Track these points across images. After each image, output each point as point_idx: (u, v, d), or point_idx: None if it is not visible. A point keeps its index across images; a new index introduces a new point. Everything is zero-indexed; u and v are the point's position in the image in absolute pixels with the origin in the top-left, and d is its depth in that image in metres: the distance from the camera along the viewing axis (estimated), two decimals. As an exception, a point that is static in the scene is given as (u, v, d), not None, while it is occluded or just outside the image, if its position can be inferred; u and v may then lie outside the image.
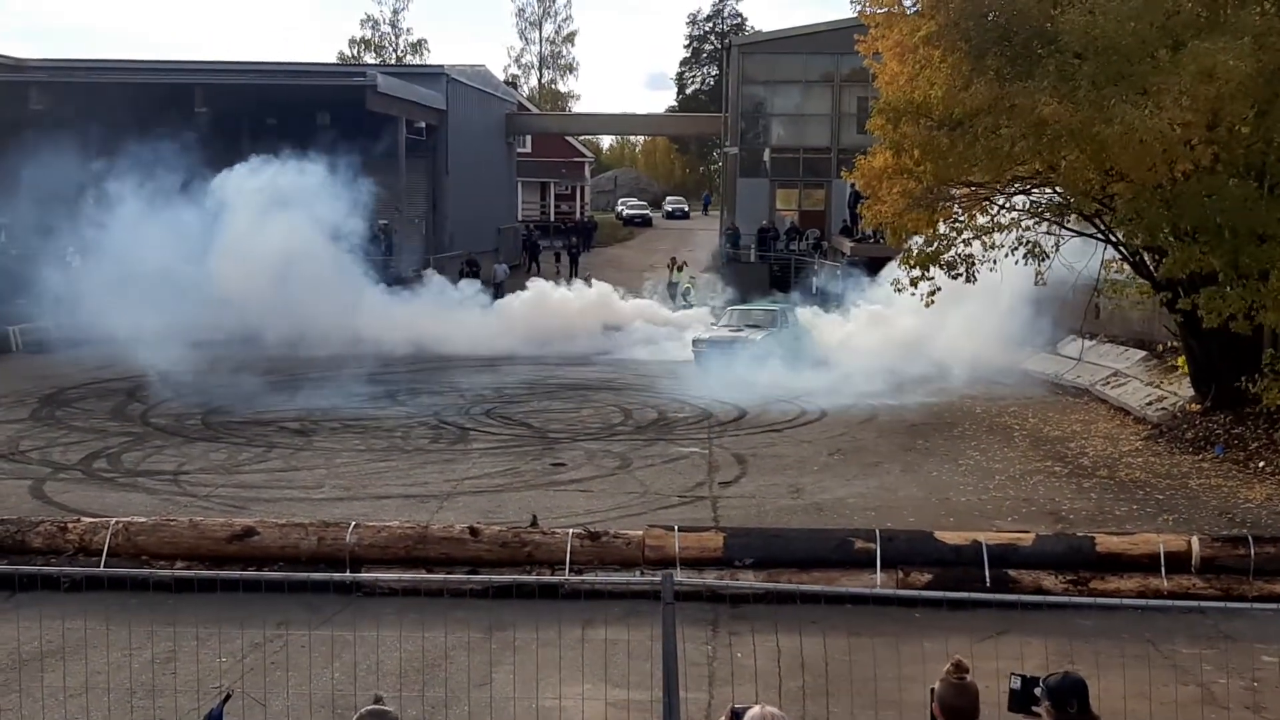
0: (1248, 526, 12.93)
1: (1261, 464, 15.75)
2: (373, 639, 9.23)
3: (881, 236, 24.64)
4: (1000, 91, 15.45)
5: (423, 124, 41.05)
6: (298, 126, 32.69)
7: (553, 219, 64.24)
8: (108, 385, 22.88)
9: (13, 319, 27.41)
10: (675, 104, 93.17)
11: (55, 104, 33.59)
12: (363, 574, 10.68)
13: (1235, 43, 14.04)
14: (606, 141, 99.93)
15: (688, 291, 37.04)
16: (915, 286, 18.39)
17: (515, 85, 77.89)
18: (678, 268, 39.61)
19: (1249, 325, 15.50)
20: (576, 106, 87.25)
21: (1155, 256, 17.53)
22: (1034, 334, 24.65)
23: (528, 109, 61.11)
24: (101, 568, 10.45)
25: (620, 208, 74.85)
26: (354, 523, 11.62)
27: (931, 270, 18.14)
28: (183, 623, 8.85)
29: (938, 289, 18.45)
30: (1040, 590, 10.46)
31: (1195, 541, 10.99)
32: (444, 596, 9.62)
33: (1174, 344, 20.85)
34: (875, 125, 18.03)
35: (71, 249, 27.50)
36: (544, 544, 11.26)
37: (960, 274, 18.18)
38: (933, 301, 18.66)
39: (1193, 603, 9.83)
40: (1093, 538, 11.27)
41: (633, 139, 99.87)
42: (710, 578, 10.48)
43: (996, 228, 18.09)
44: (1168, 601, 10.02)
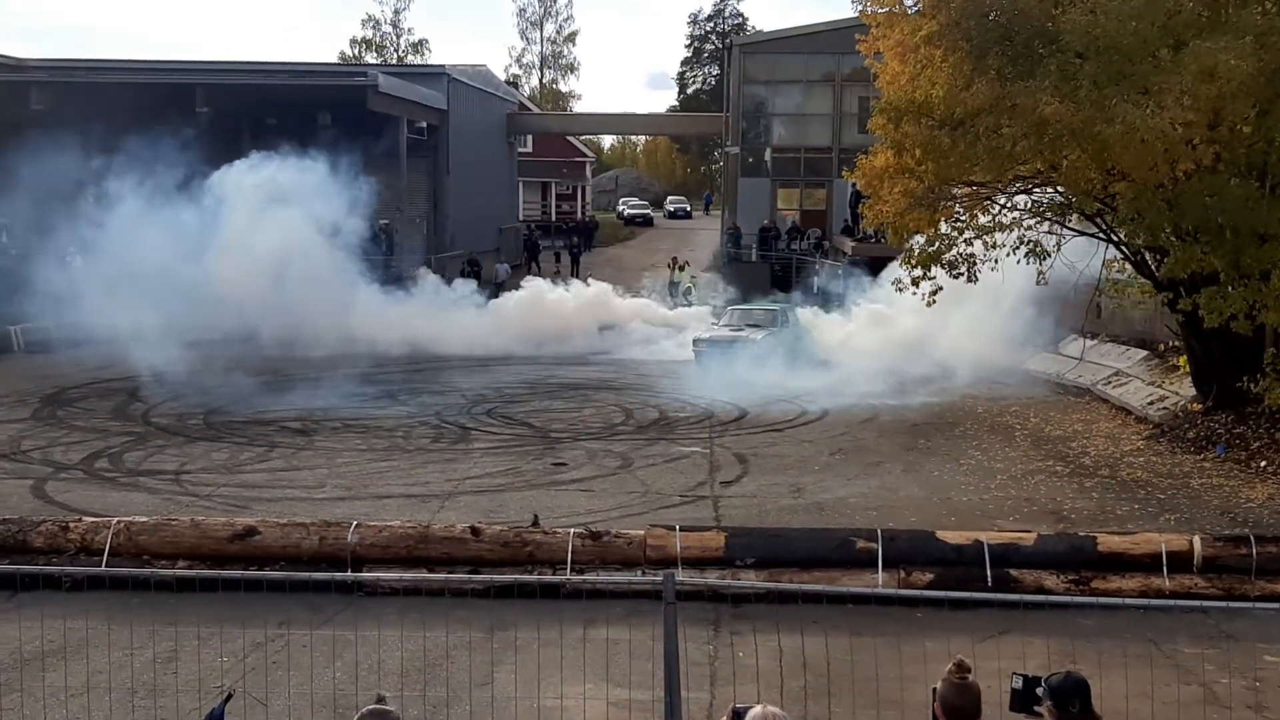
0: (1249, 526, 12.93)
1: (1263, 463, 15.75)
2: (374, 639, 9.23)
3: (883, 236, 24.63)
4: (1001, 91, 15.45)
5: (424, 124, 41.06)
6: (299, 126, 32.68)
7: (554, 219, 64.21)
8: (109, 385, 22.88)
9: (14, 319, 27.41)
10: (676, 104, 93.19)
11: (56, 104, 33.56)
12: (364, 574, 10.68)
13: (1236, 42, 14.03)
14: (608, 141, 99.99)
15: (689, 291, 37.03)
16: (916, 286, 18.42)
17: (516, 85, 77.92)
18: (679, 267, 39.60)
19: (1250, 325, 15.50)
20: (578, 106, 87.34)
21: (1157, 256, 17.52)
22: (1036, 334, 24.64)
23: (529, 109, 61.14)
24: (103, 567, 10.45)
25: (621, 207, 74.84)
26: (355, 522, 11.63)
27: (933, 270, 18.17)
28: (184, 622, 8.84)
29: (939, 289, 18.47)
30: (1042, 590, 10.46)
31: (1197, 541, 10.99)
32: (445, 596, 9.60)
33: (1175, 344, 20.84)
34: (876, 125, 18.04)
35: (72, 249, 27.49)
36: (545, 544, 11.26)
37: (961, 273, 18.20)
38: (934, 301, 18.67)
39: (1195, 602, 9.83)
40: (1094, 537, 11.27)
41: (634, 139, 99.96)
42: (712, 577, 10.48)
43: (998, 227, 18.09)
44: (1170, 601, 10.01)
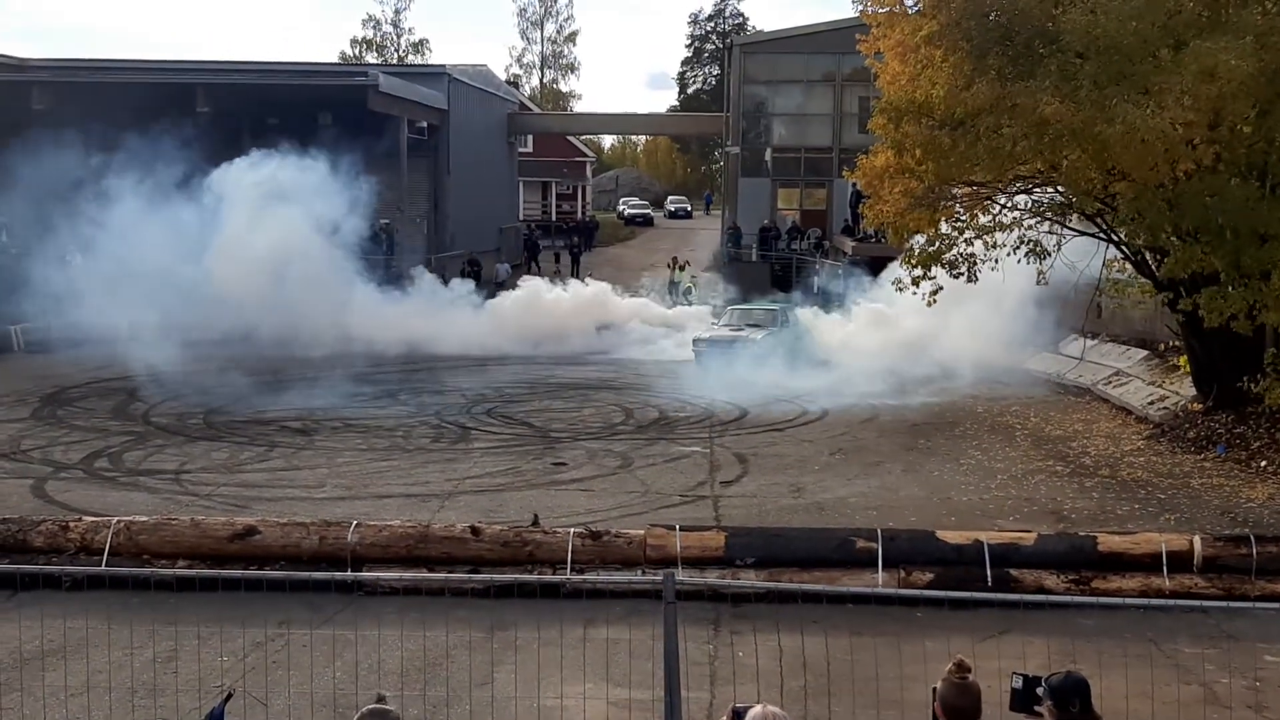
0: (1250, 526, 12.93)
1: (1263, 463, 15.74)
2: (374, 638, 9.23)
3: (883, 236, 24.65)
4: (1002, 91, 15.44)
5: (424, 124, 41.05)
6: (299, 126, 32.66)
7: (554, 219, 64.22)
8: (109, 384, 22.88)
9: (14, 318, 27.42)
10: (677, 103, 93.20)
11: (57, 104, 33.56)
12: (364, 573, 10.68)
13: (1237, 42, 14.02)
14: (608, 141, 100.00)
15: (689, 291, 37.02)
16: (917, 286, 18.42)
17: (517, 85, 77.95)
18: (679, 267, 39.59)
19: (1250, 325, 15.50)
20: (578, 106, 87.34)
21: (1157, 256, 17.52)
22: (1036, 333, 24.62)
23: (529, 109, 61.13)
24: (103, 567, 10.45)
25: (622, 207, 74.88)
26: (355, 522, 11.63)
27: (933, 270, 18.17)
28: (184, 622, 8.84)
29: (939, 288, 18.47)
30: (1042, 590, 10.45)
31: (1197, 541, 10.99)
32: (445, 596, 9.61)
33: (1176, 343, 20.84)
34: (877, 125, 18.04)
35: (72, 248, 27.49)
36: (545, 543, 11.26)
37: (962, 273, 18.20)
38: (934, 301, 18.67)
39: (1195, 602, 9.82)
40: (1094, 537, 11.27)
41: (634, 139, 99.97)
42: (712, 577, 10.48)
43: (998, 227, 18.10)
44: (1170, 601, 10.01)
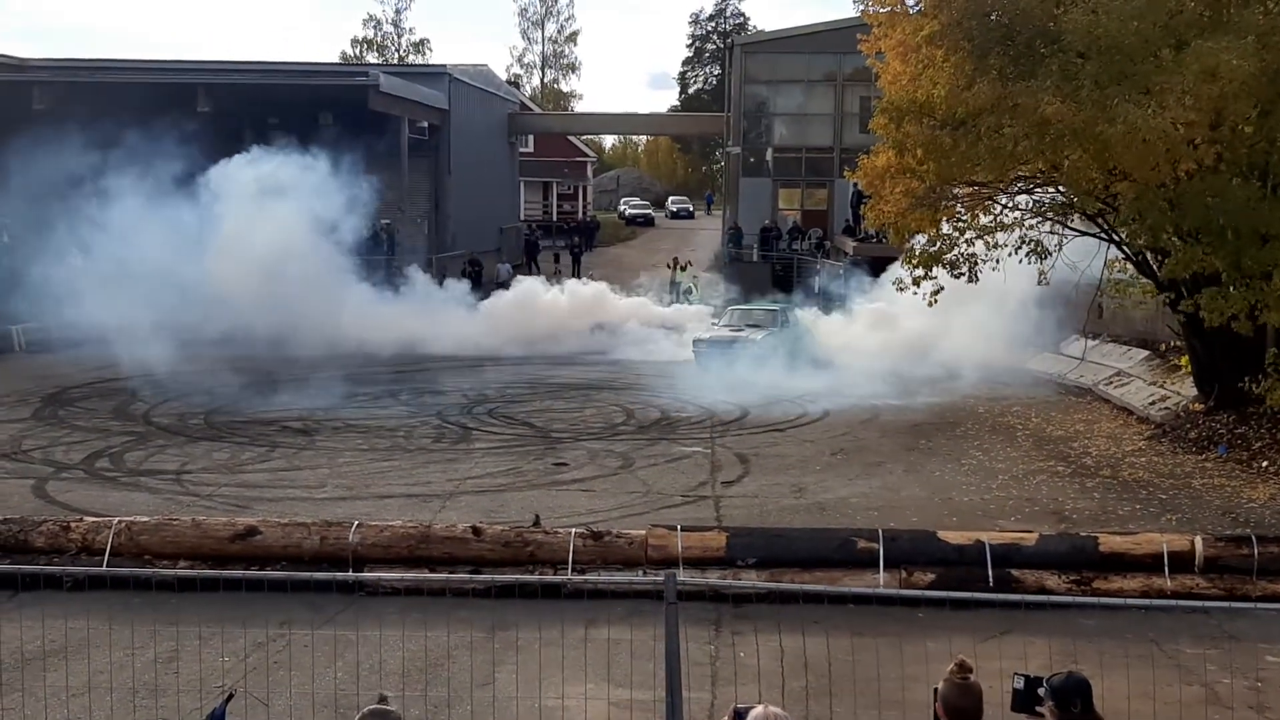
0: (1251, 526, 12.92)
1: (1265, 464, 15.73)
2: (375, 638, 9.23)
3: (884, 236, 24.61)
4: (1003, 91, 15.44)
5: (425, 124, 41.06)
6: (300, 126, 32.67)
7: (555, 219, 64.25)
8: (110, 384, 22.89)
9: (15, 318, 27.42)
10: (678, 103, 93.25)
11: (58, 104, 33.56)
12: (365, 573, 10.69)
13: (1238, 42, 14.02)
14: (609, 141, 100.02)
15: (689, 291, 37.01)
16: (918, 286, 18.42)
17: (518, 85, 77.97)
18: (680, 267, 39.59)
19: (1251, 325, 15.50)
20: (579, 106, 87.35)
21: (1158, 256, 17.52)
22: (1037, 334, 24.62)
23: (530, 109, 61.13)
24: (104, 567, 10.45)
25: (623, 207, 74.91)
26: (357, 522, 11.63)
27: (934, 270, 18.16)
28: (185, 622, 8.83)
29: (940, 289, 18.47)
30: (1043, 590, 10.45)
31: (1199, 541, 10.99)
32: (447, 596, 9.60)
33: (1177, 344, 20.84)
34: (878, 125, 18.04)
35: (74, 248, 27.49)
36: (547, 544, 11.26)
37: (963, 274, 18.20)
38: (935, 301, 18.66)
39: (1196, 603, 9.82)
40: (1096, 537, 11.26)
41: (635, 138, 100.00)
42: (713, 577, 10.48)
43: (999, 227, 18.09)
44: (1171, 601, 10.00)
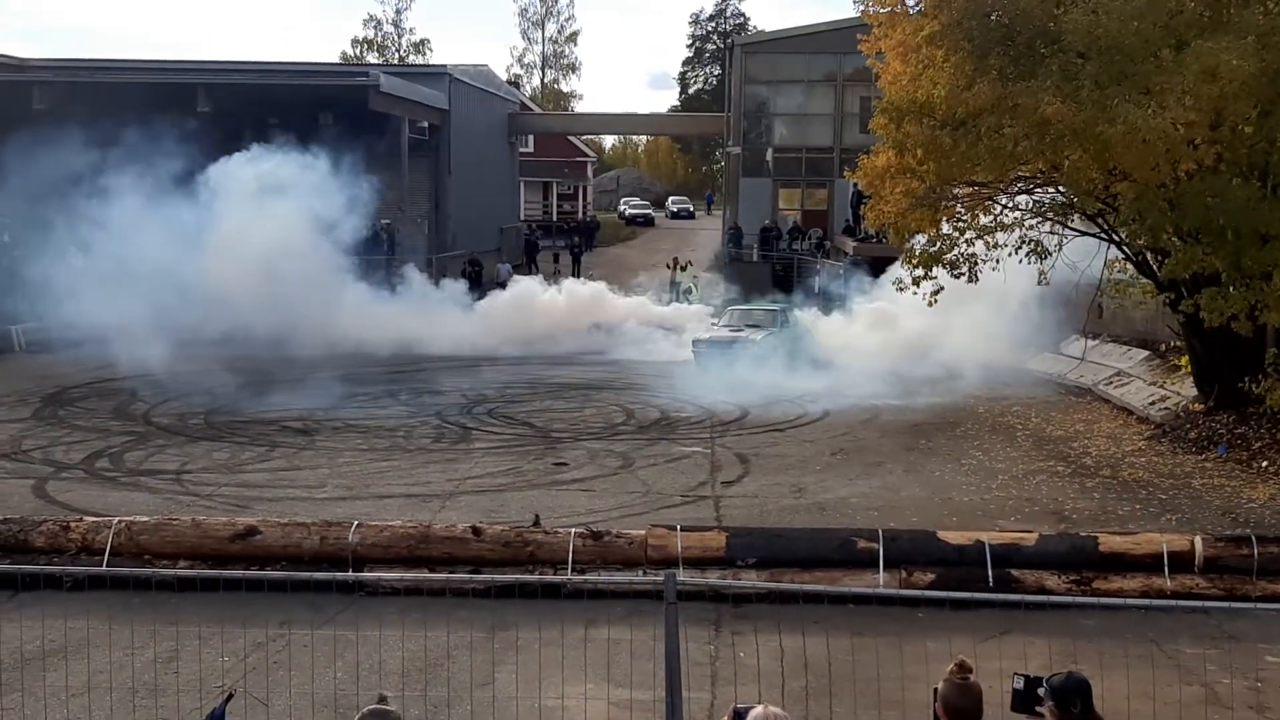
0: (1251, 526, 12.92)
1: (1265, 464, 15.73)
2: (375, 638, 9.23)
3: (884, 236, 24.61)
4: (1003, 91, 15.44)
5: (425, 124, 41.05)
6: (301, 126, 32.64)
7: (555, 219, 64.27)
8: (110, 384, 22.89)
9: (15, 318, 27.42)
10: (678, 103, 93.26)
11: (58, 104, 33.56)
12: (365, 573, 10.69)
13: (1238, 42, 14.02)
14: (609, 141, 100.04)
15: (689, 291, 37.01)
16: (918, 286, 18.43)
17: (518, 85, 77.98)
18: (680, 267, 39.58)
19: (1251, 326, 15.50)
20: (579, 106, 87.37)
21: (1158, 256, 17.52)
22: (1037, 334, 24.62)
23: (530, 109, 61.14)
24: (104, 567, 10.45)
25: (623, 207, 74.92)
26: (356, 522, 11.63)
27: (934, 270, 18.16)
28: (185, 622, 8.83)
29: (940, 289, 18.48)
30: (1043, 590, 10.45)
31: (1198, 541, 10.99)
32: (446, 596, 9.61)
33: (1177, 344, 20.84)
34: (878, 125, 18.03)
35: (74, 248, 27.49)
36: (546, 543, 11.26)
37: (963, 274, 18.20)
38: (935, 301, 18.67)
39: (1196, 603, 9.82)
40: (1096, 537, 11.26)
41: (635, 139, 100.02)
42: (713, 577, 10.48)
43: (999, 227, 18.09)
44: (1171, 601, 10.00)
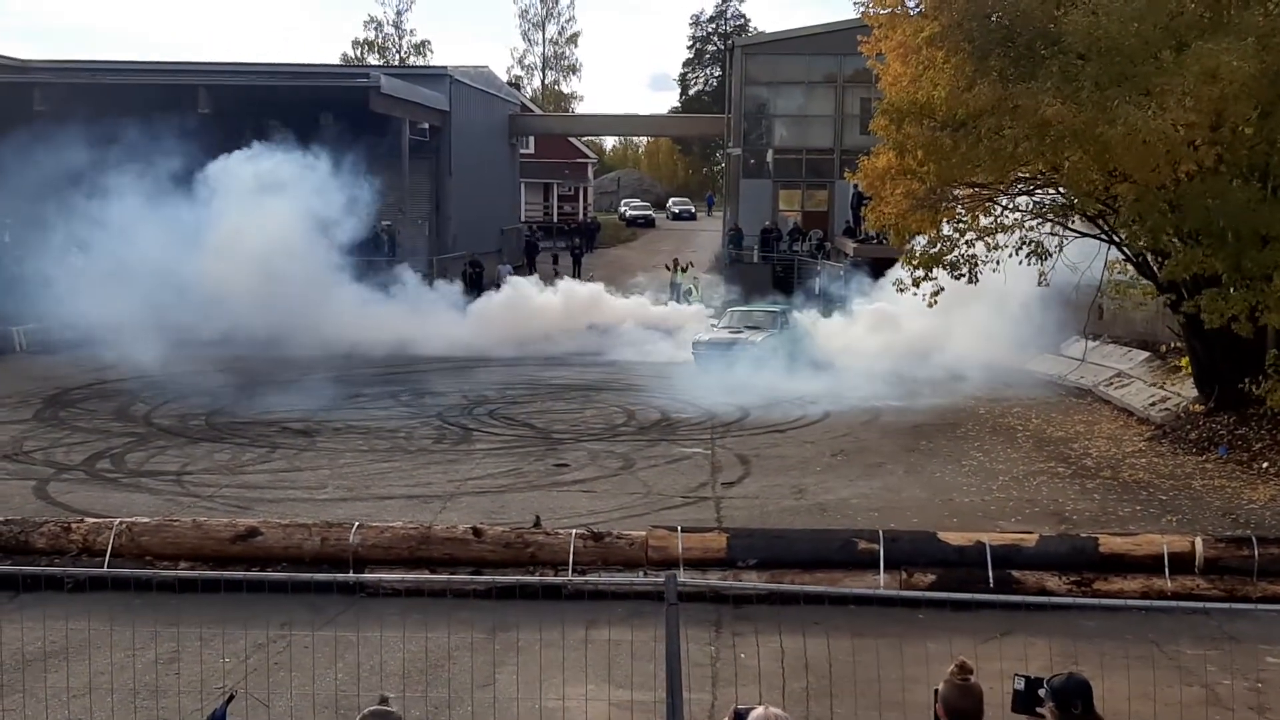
0: (1251, 527, 12.92)
1: (1265, 465, 15.73)
2: (376, 639, 9.23)
3: (885, 237, 24.60)
4: (1003, 92, 15.45)
5: (426, 125, 41.08)
6: (301, 127, 32.63)
7: (556, 220, 64.30)
8: (110, 386, 22.90)
9: (16, 319, 27.43)
10: (678, 105, 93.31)
11: (59, 105, 33.58)
12: (366, 574, 10.68)
13: (1239, 43, 14.03)
14: (609, 142, 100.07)
15: (689, 292, 37.00)
16: (918, 287, 18.44)
17: (518, 86, 78.03)
18: (681, 269, 39.58)
19: (1251, 327, 15.51)
20: (579, 107, 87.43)
21: (1159, 258, 17.53)
22: (1038, 335, 24.62)
23: (531, 110, 61.17)
24: (105, 568, 10.47)
25: (623, 208, 74.92)
26: (357, 523, 11.63)
27: (934, 271, 18.18)
28: (186, 623, 8.84)
29: (940, 290, 18.49)
30: (1044, 591, 10.45)
31: (1199, 542, 10.99)
32: (447, 597, 9.61)
33: (1177, 345, 20.84)
34: (878, 126, 18.04)
35: (75, 250, 27.50)
36: (547, 545, 11.27)
37: (963, 275, 18.21)
38: (935, 302, 18.68)
39: (1197, 604, 9.84)
40: (1096, 538, 11.26)
41: (636, 140, 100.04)
42: (714, 578, 10.49)
43: (1000, 229, 18.10)
44: (1171, 602, 10.01)
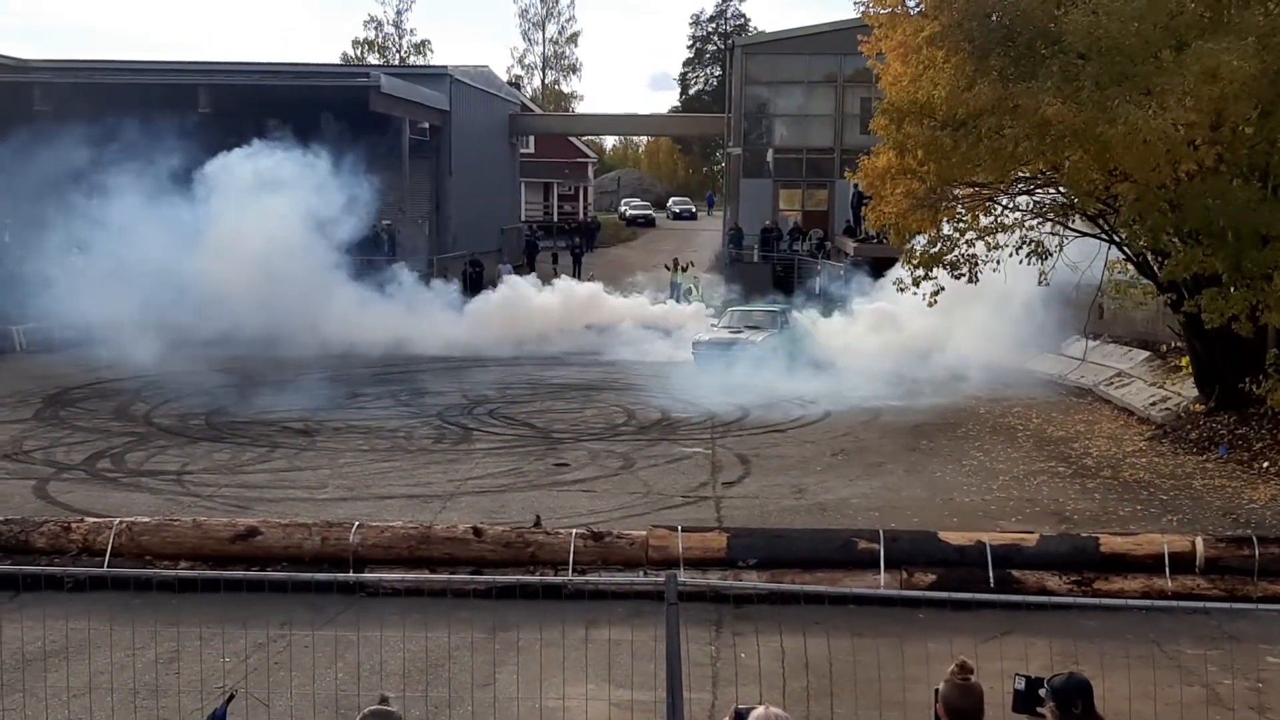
0: (1252, 527, 12.92)
1: (1266, 464, 15.73)
2: (376, 639, 9.23)
3: (885, 237, 24.59)
4: (1004, 92, 15.44)
5: (426, 125, 41.08)
6: (301, 127, 32.63)
7: (556, 219, 64.31)
8: (111, 385, 22.90)
9: (16, 319, 27.44)
10: (678, 104, 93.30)
11: (59, 104, 33.59)
12: (366, 574, 10.68)
13: (1239, 43, 14.02)
14: (610, 142, 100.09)
15: (689, 292, 37.00)
16: (918, 286, 18.44)
17: (518, 86, 78.04)
18: (681, 269, 39.57)
19: (1252, 326, 15.51)
20: (579, 107, 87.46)
21: (1159, 257, 17.53)
22: (1038, 335, 24.62)
23: (531, 109, 61.17)
24: (105, 568, 10.46)
25: (623, 208, 74.93)
26: (357, 523, 11.63)
27: (934, 271, 18.17)
28: (186, 623, 8.84)
29: (941, 289, 18.48)
30: (1044, 591, 10.45)
31: (1199, 542, 10.99)
32: (447, 597, 9.61)
33: (1178, 344, 20.83)
34: (879, 125, 18.03)
35: (75, 249, 27.51)
36: (547, 544, 11.26)
37: (963, 274, 18.21)
38: (935, 302, 18.68)
39: (1197, 603, 9.83)
40: (1097, 538, 11.26)
41: (636, 139, 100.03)
42: (714, 578, 10.48)
43: (1000, 228, 18.10)
44: (1172, 602, 10.00)
